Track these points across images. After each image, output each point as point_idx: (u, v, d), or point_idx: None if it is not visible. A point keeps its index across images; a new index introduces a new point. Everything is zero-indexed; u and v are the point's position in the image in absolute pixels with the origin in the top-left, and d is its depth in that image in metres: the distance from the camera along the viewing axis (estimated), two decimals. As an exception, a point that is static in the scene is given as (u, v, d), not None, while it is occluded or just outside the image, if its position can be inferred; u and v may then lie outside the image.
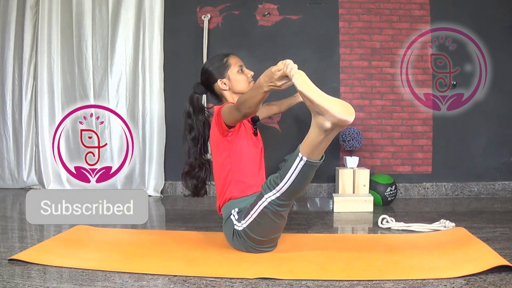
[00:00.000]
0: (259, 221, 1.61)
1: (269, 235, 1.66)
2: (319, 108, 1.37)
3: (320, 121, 1.40)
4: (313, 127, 1.44)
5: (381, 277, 1.41)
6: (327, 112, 1.36)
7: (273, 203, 1.56)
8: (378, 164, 3.17)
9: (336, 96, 3.17)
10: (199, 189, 1.93)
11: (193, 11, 3.29)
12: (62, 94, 3.44)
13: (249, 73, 1.89)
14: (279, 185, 1.54)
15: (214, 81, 1.87)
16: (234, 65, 1.86)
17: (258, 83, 1.54)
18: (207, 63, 1.92)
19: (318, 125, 1.41)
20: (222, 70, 1.86)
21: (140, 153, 3.30)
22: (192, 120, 1.88)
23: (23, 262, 1.57)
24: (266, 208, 1.58)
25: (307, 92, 1.38)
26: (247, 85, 1.86)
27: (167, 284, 1.38)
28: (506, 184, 3.14)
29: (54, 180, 3.47)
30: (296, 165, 1.49)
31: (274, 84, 1.49)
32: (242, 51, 3.18)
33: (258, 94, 1.54)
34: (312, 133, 1.45)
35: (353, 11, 3.20)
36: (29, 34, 3.45)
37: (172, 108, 3.25)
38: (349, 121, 1.39)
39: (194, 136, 1.87)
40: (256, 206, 1.60)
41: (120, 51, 3.30)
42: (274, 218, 1.59)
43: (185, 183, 1.92)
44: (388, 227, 2.15)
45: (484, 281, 1.34)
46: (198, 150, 1.88)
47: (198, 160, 1.89)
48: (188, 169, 1.89)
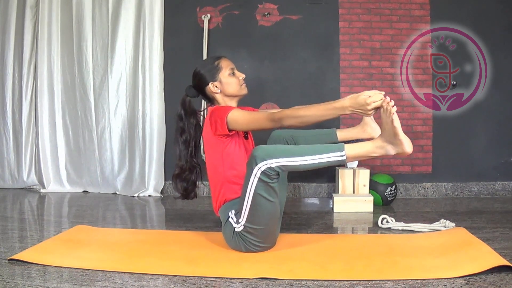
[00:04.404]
0: (255, 207, 1.61)
1: (268, 220, 1.65)
2: (397, 140, 1.53)
3: (387, 148, 1.57)
4: (374, 146, 1.59)
5: (381, 277, 1.41)
6: (401, 145, 1.54)
7: (266, 172, 1.55)
8: (378, 164, 3.17)
9: (336, 96, 3.20)
10: (189, 191, 1.95)
11: (193, 11, 3.29)
12: (62, 94, 3.45)
13: (241, 76, 1.90)
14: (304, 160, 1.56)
15: (205, 84, 1.88)
16: (226, 68, 1.87)
17: (340, 105, 1.58)
18: (198, 67, 1.93)
19: (382, 148, 1.58)
20: (214, 73, 1.86)
21: (140, 153, 3.30)
22: (183, 123, 1.90)
23: (23, 262, 1.57)
24: (258, 183, 1.57)
25: (398, 125, 1.52)
26: (238, 87, 1.88)
27: (167, 284, 1.38)
28: (506, 184, 3.14)
29: (54, 180, 3.47)
30: (332, 156, 1.56)
31: (363, 111, 1.56)
32: (242, 51, 3.19)
33: (332, 114, 1.62)
34: (369, 148, 1.59)
35: (353, 11, 3.20)
36: (29, 34, 3.45)
37: (172, 108, 3.23)
38: (409, 154, 1.58)
39: (185, 139, 1.89)
40: (249, 186, 1.59)
41: (120, 51, 3.30)
42: (268, 196, 1.59)
43: (175, 186, 1.94)
44: (388, 227, 2.15)
45: (484, 281, 1.34)
46: (189, 153, 1.90)
47: (189, 163, 1.90)
48: (179, 172, 1.91)
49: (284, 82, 3.24)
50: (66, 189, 3.46)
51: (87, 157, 3.41)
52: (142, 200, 3.12)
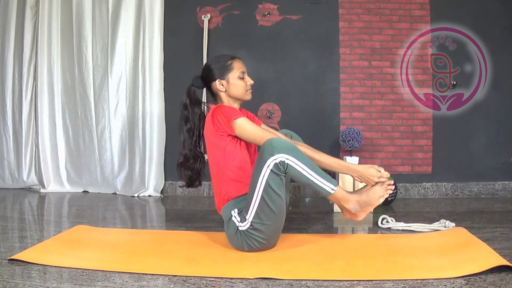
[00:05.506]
0: (265, 200, 1.61)
1: (276, 215, 1.65)
2: (365, 209, 1.71)
3: (356, 207, 1.70)
4: (355, 200, 1.70)
5: (381, 277, 1.41)
6: (362, 214, 1.72)
7: (279, 166, 1.58)
8: (378, 164, 3.16)
9: (336, 96, 3.20)
10: (194, 180, 1.95)
11: (193, 11, 3.29)
12: (62, 94, 3.45)
13: (249, 81, 1.90)
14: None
15: (213, 80, 1.88)
16: (237, 69, 1.87)
17: (353, 167, 1.75)
18: (211, 61, 1.92)
19: (355, 205, 1.70)
20: (224, 72, 1.86)
21: (140, 153, 3.30)
22: (188, 112, 1.90)
23: (23, 262, 1.57)
24: (270, 174, 1.59)
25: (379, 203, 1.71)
26: (243, 92, 1.88)
27: (167, 284, 1.38)
28: (506, 184, 3.14)
29: (54, 180, 3.47)
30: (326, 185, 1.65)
31: (368, 180, 1.74)
32: (242, 51, 3.18)
33: (340, 171, 1.77)
34: (351, 200, 1.70)
35: (353, 11, 3.20)
36: (29, 34, 3.45)
37: (172, 108, 3.25)
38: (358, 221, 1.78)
39: (189, 127, 1.89)
40: (260, 177, 1.60)
41: (120, 51, 3.30)
42: (277, 189, 1.61)
43: (180, 174, 1.95)
44: (388, 227, 2.15)
45: (484, 281, 1.34)
46: (193, 142, 1.90)
47: (193, 151, 1.91)
48: (183, 160, 1.91)
49: (284, 82, 3.24)
50: (66, 189, 3.46)
51: (87, 157, 3.41)
52: (142, 200, 3.12)
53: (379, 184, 1.72)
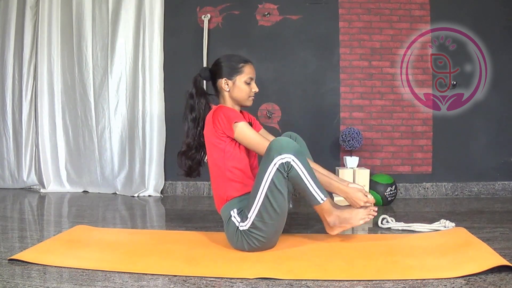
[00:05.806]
0: (268, 198, 1.62)
1: (279, 214, 1.66)
2: (341, 227, 1.79)
3: (335, 222, 1.78)
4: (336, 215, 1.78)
5: (381, 277, 1.41)
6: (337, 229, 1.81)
7: (284, 165, 1.60)
8: (378, 164, 3.17)
9: (336, 96, 3.20)
10: (193, 170, 1.96)
11: (193, 11, 3.29)
12: (62, 94, 3.45)
13: (254, 89, 1.90)
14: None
15: (220, 77, 1.88)
16: (246, 74, 1.87)
17: (343, 188, 1.80)
18: (225, 58, 1.91)
19: (337, 218, 1.78)
20: (233, 72, 1.86)
21: (140, 153, 3.30)
22: (194, 101, 1.90)
23: (23, 262, 1.57)
24: (276, 173, 1.60)
25: (359, 224, 1.79)
26: (246, 97, 1.89)
27: (167, 284, 1.38)
28: (506, 184, 3.14)
29: (54, 180, 3.47)
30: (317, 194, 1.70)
31: (355, 202, 1.79)
32: (242, 51, 3.18)
33: (328, 189, 1.79)
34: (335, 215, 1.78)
35: (353, 11, 3.20)
36: (29, 34, 3.45)
37: (172, 108, 3.25)
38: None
39: (194, 117, 1.89)
40: (266, 175, 1.62)
41: (120, 51, 3.30)
42: (281, 188, 1.62)
43: (180, 162, 1.94)
44: (388, 227, 2.15)
45: (484, 281, 1.34)
46: (197, 132, 1.90)
47: (196, 141, 1.91)
48: (185, 149, 1.91)
49: (284, 82, 3.24)
50: (66, 189, 3.46)
51: (87, 157, 3.42)
52: (142, 200, 3.12)
53: (364, 208, 1.79)
